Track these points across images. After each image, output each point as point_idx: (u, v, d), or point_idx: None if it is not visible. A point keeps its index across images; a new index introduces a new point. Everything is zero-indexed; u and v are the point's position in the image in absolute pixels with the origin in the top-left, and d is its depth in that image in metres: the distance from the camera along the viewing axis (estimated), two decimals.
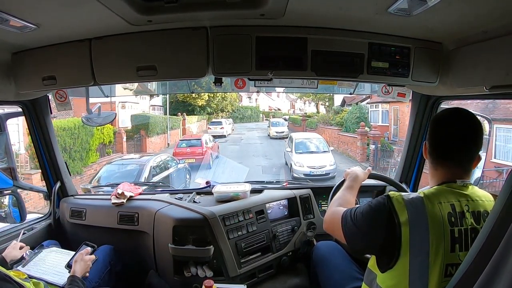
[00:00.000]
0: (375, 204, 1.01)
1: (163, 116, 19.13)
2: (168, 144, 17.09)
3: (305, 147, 11.54)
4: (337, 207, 1.19)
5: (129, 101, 17.03)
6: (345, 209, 1.12)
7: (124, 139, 13.70)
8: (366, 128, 13.11)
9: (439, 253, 0.91)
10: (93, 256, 1.52)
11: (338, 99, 23.13)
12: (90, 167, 10.34)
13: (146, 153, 12.85)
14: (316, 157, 10.81)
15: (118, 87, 2.17)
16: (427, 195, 0.97)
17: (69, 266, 1.47)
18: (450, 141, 1.00)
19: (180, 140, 14.04)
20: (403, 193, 1.00)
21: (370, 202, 1.04)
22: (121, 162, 8.01)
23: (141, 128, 15.22)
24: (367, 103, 17.33)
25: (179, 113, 21.15)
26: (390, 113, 15.51)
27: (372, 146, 12.24)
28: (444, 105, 1.82)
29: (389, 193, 1.01)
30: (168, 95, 19.10)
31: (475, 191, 1.00)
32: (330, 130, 17.12)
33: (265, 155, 14.50)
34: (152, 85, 2.41)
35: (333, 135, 16.37)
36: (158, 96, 19.58)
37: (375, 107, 17.15)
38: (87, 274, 1.46)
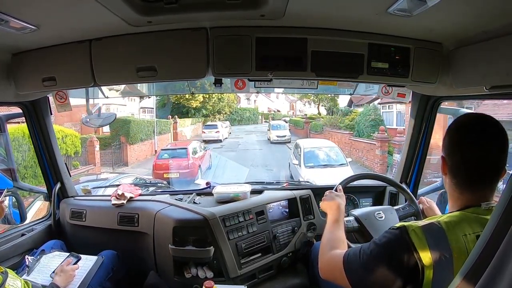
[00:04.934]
0: (386, 241, 0.86)
1: (150, 120, 16.89)
2: (156, 151, 14.49)
3: (316, 160, 9.20)
4: (331, 250, 1.03)
5: (114, 103, 14.95)
6: (343, 251, 0.96)
7: (97, 148, 11.59)
8: (385, 133, 11.17)
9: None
10: (76, 266, 1.51)
11: (343, 99, 21.99)
12: None
13: (123, 172, 10.19)
14: (331, 172, 8.18)
15: (103, 88, 1.93)
16: (449, 224, 0.84)
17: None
18: (485, 165, 0.86)
19: (162, 150, 11.78)
20: (418, 223, 0.85)
21: (376, 240, 0.89)
22: None
23: (121, 134, 13.04)
24: (379, 103, 15.22)
25: (170, 116, 19.05)
26: (407, 114, 13.52)
27: (396, 156, 9.95)
28: (444, 105, 1.82)
29: (404, 223, 0.86)
30: (157, 96, 17.41)
31: None
32: (340, 135, 14.76)
33: (265, 164, 12.62)
34: (143, 86, 2.18)
35: (343, 140, 13.99)
36: (149, 97, 17.86)
37: (388, 108, 15.03)
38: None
